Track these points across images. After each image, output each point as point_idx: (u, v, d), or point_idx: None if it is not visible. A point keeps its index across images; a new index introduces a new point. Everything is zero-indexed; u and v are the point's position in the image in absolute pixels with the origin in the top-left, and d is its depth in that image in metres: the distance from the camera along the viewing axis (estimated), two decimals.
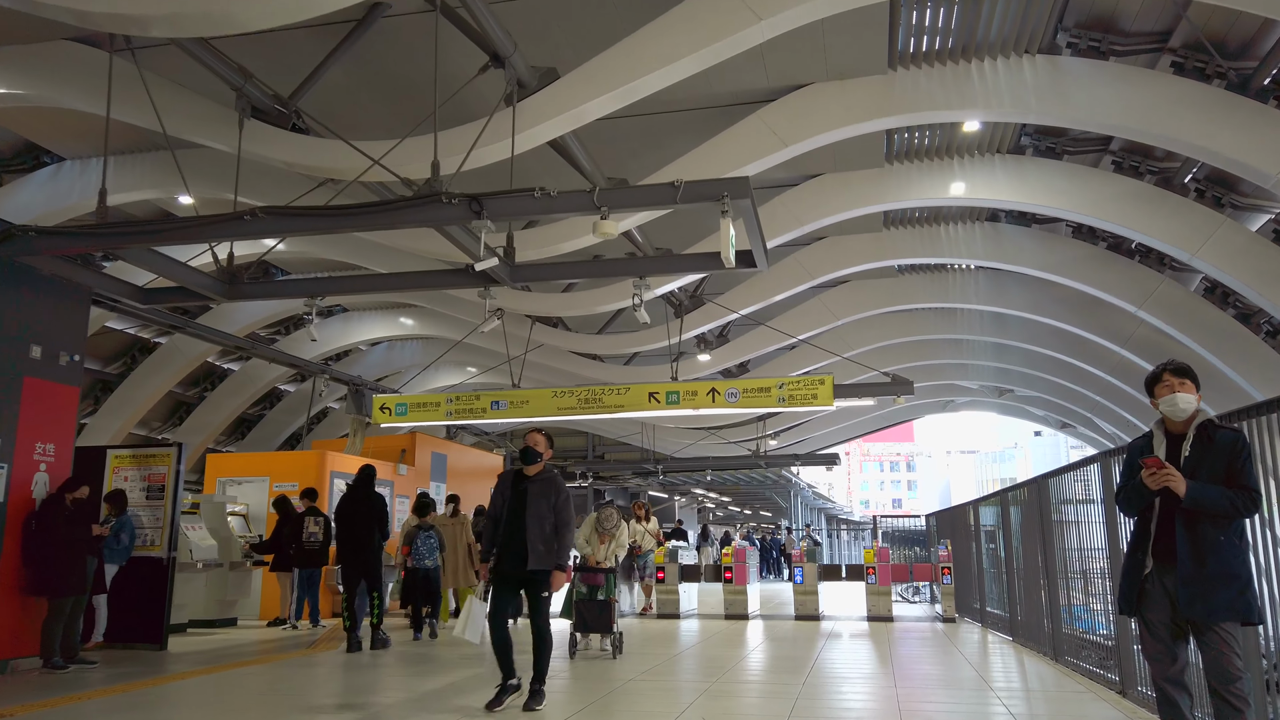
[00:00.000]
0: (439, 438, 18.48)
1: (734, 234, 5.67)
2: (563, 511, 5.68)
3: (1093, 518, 6.69)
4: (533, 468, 5.81)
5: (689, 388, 12.82)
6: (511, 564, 5.56)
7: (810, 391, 12.53)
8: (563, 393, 13.28)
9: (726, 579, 12.02)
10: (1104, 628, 7.54)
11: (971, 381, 22.64)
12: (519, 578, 5.60)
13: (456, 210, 5.70)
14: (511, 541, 5.55)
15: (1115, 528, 6.02)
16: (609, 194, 5.77)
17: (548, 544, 5.54)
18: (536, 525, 5.52)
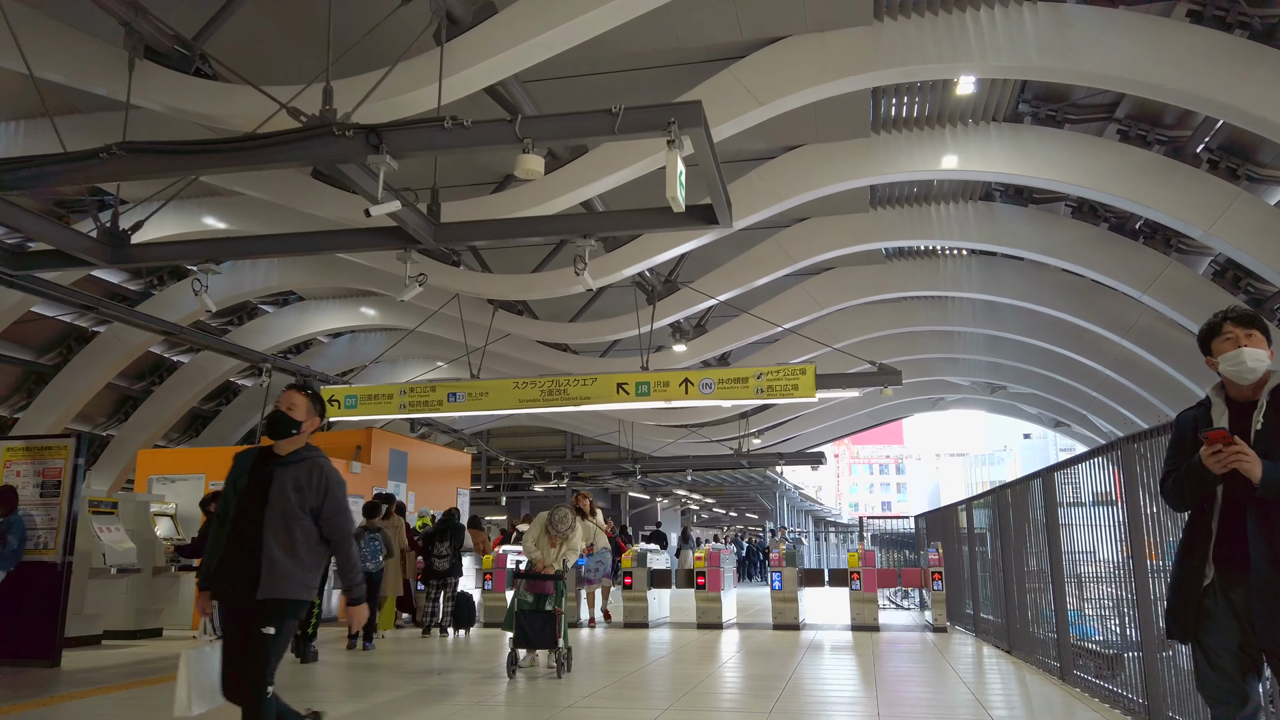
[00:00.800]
0: (400, 434, 17.45)
1: (682, 170, 4.71)
2: (333, 516, 3.73)
3: (1102, 518, 5.76)
4: (287, 443, 3.83)
5: (660, 378, 11.88)
6: (231, 587, 3.65)
7: (791, 382, 11.61)
8: (525, 384, 12.33)
9: (699, 585, 11.05)
10: (1096, 633, 6.70)
11: (962, 378, 21.77)
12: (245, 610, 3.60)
13: (351, 145, 4.73)
14: (239, 554, 3.64)
15: (1138, 526, 5.06)
16: (533, 123, 4.81)
17: (296, 561, 3.64)
18: (279, 530, 3.63)
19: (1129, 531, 5.15)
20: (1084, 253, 12.36)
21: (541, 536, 7.65)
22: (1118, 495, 6.20)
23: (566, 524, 7.48)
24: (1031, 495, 7.99)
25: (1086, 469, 6.40)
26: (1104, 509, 5.93)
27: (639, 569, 11.31)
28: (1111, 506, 6.11)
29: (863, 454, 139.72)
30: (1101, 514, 5.98)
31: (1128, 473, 5.21)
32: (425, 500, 16.27)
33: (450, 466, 17.74)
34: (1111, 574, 5.99)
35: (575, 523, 7.57)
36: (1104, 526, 5.95)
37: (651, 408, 12.13)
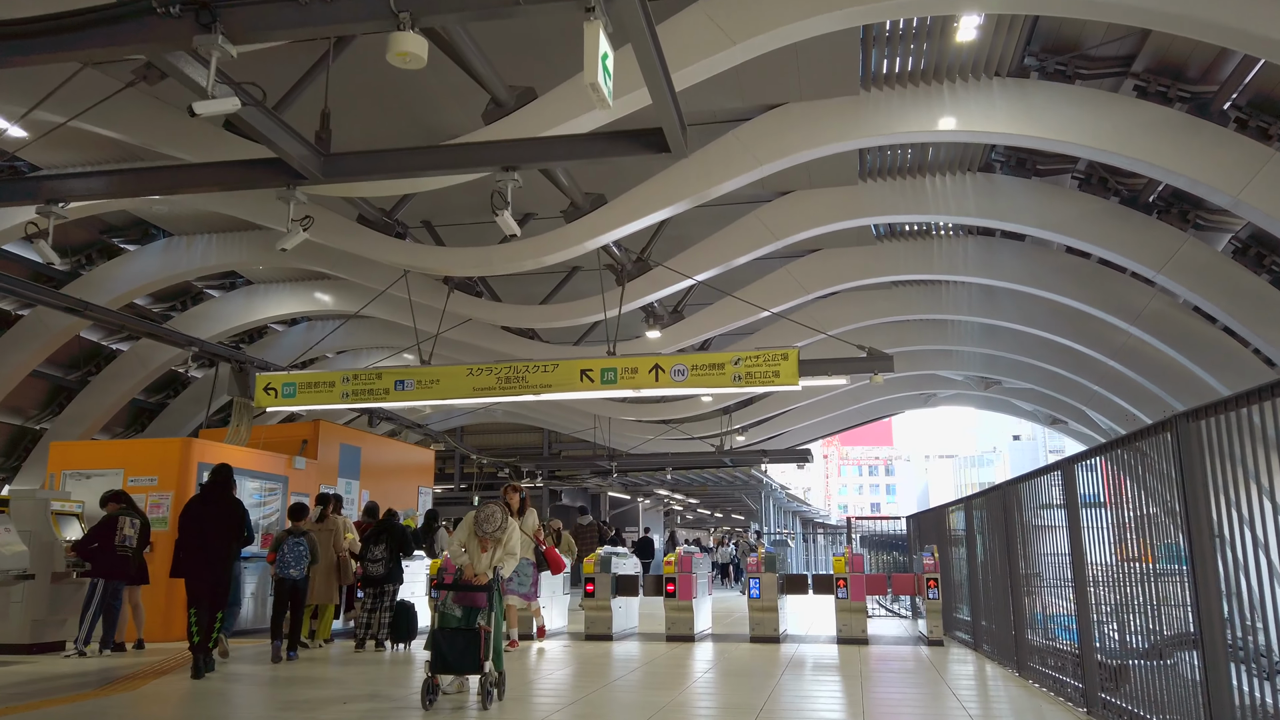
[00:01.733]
0: (355, 428, 16.27)
1: (607, 52, 3.58)
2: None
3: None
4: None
5: (628, 364, 10.78)
6: None
7: (771, 368, 10.52)
8: (479, 370, 11.21)
9: (669, 592, 9.93)
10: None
11: (956, 372, 20.72)
12: None
13: (176, 26, 3.61)
14: None
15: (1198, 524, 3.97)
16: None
17: None
18: None
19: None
20: (1092, 228, 11.26)
21: (470, 540, 6.51)
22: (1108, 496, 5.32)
23: (495, 524, 6.34)
24: (1037, 493, 6.92)
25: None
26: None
27: (602, 575, 10.18)
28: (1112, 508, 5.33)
29: (852, 455, 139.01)
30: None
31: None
32: (382, 500, 15.11)
33: (411, 463, 16.57)
34: (1113, 577, 5.30)
35: (506, 522, 6.43)
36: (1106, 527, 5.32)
37: (619, 397, 11.04)
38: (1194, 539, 4.00)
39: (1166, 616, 4.58)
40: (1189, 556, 4.07)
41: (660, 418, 20.15)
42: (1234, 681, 3.85)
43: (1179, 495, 4.07)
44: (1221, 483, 3.87)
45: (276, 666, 8.31)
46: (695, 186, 9.84)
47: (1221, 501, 3.87)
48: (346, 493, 14.28)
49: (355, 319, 17.45)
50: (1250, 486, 3.67)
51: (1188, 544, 4.08)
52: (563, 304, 13.15)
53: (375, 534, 10.82)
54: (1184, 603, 4.22)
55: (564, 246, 10.21)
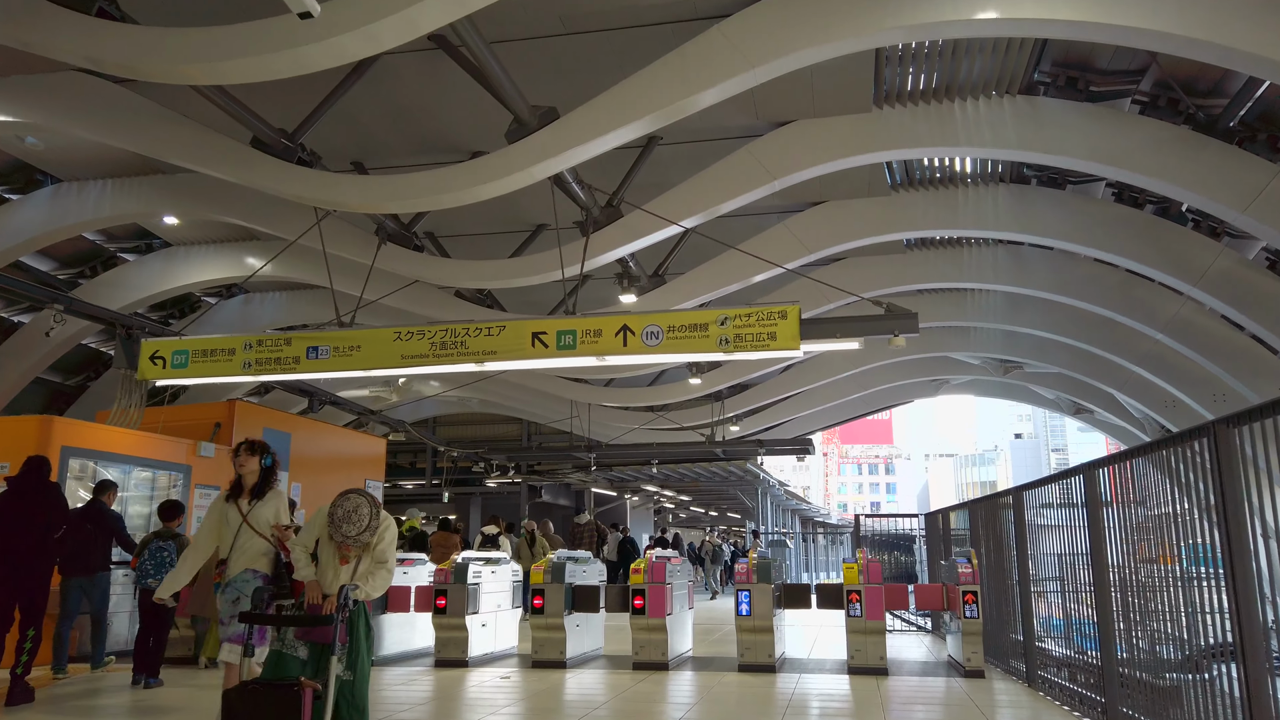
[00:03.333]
0: (282, 409, 14.22)
1: None
2: None
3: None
4: None
5: (590, 325, 8.79)
6: None
7: (766, 329, 8.52)
8: (409, 334, 9.20)
9: (635, 608, 7.87)
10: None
11: (972, 354, 18.66)
12: None
13: None
14: None
15: None
16: None
17: None
18: None
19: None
20: (1124, 241, 10.82)
21: (327, 546, 4.47)
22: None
23: (359, 524, 4.31)
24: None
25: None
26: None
27: (553, 586, 8.12)
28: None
29: (851, 453, 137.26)
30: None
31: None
32: (318, 494, 13.08)
33: (356, 454, 14.53)
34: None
35: (375, 522, 4.38)
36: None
37: (579, 364, 8.99)
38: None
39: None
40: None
41: (645, 404, 18.11)
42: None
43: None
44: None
45: (121, 695, 6.52)
46: (671, 94, 7.81)
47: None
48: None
49: (304, 290, 15.41)
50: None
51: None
52: (524, 258, 11.04)
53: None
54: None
55: (506, 173, 8.15)
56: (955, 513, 10.18)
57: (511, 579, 9.33)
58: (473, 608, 8.33)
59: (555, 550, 12.82)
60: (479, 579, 8.49)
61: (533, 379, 17.44)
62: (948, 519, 10.53)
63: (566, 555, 8.68)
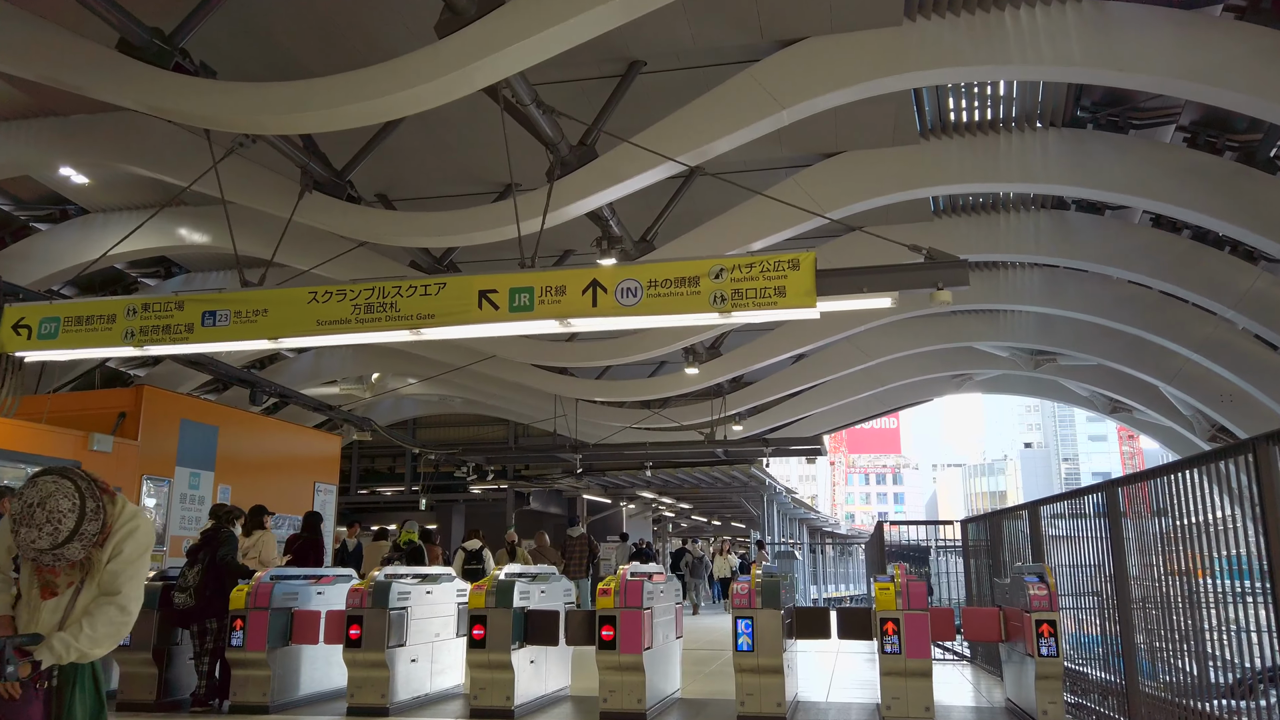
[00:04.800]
0: (205, 399, 12.40)
1: None
2: None
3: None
4: None
5: (551, 280, 7.04)
6: None
7: (773, 283, 6.79)
8: (327, 294, 7.47)
9: (604, 640, 6.01)
10: None
11: (1000, 344, 16.79)
12: None
13: None
14: None
15: None
16: None
17: None
18: None
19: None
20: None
21: (25, 567, 2.63)
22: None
23: (55, 528, 2.47)
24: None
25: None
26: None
27: (498, 612, 6.26)
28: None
29: (858, 463, 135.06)
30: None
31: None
32: (252, 501, 11.28)
33: (300, 452, 12.71)
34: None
35: (86, 523, 2.54)
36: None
37: (538, 330, 7.16)
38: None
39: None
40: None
41: (639, 397, 16.26)
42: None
43: None
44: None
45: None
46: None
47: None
48: (192, 488, 10.45)
49: (257, 267, 13.60)
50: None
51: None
52: (477, 209, 9.16)
53: (194, 549, 7.48)
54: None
55: (435, 75, 6.32)
56: (1008, 520, 8.30)
57: (457, 600, 7.49)
58: (397, 638, 6.49)
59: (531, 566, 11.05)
60: (407, 601, 6.65)
61: (513, 370, 15.61)
62: (998, 527, 8.64)
63: (518, 571, 6.83)
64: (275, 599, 6.63)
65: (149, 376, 16.49)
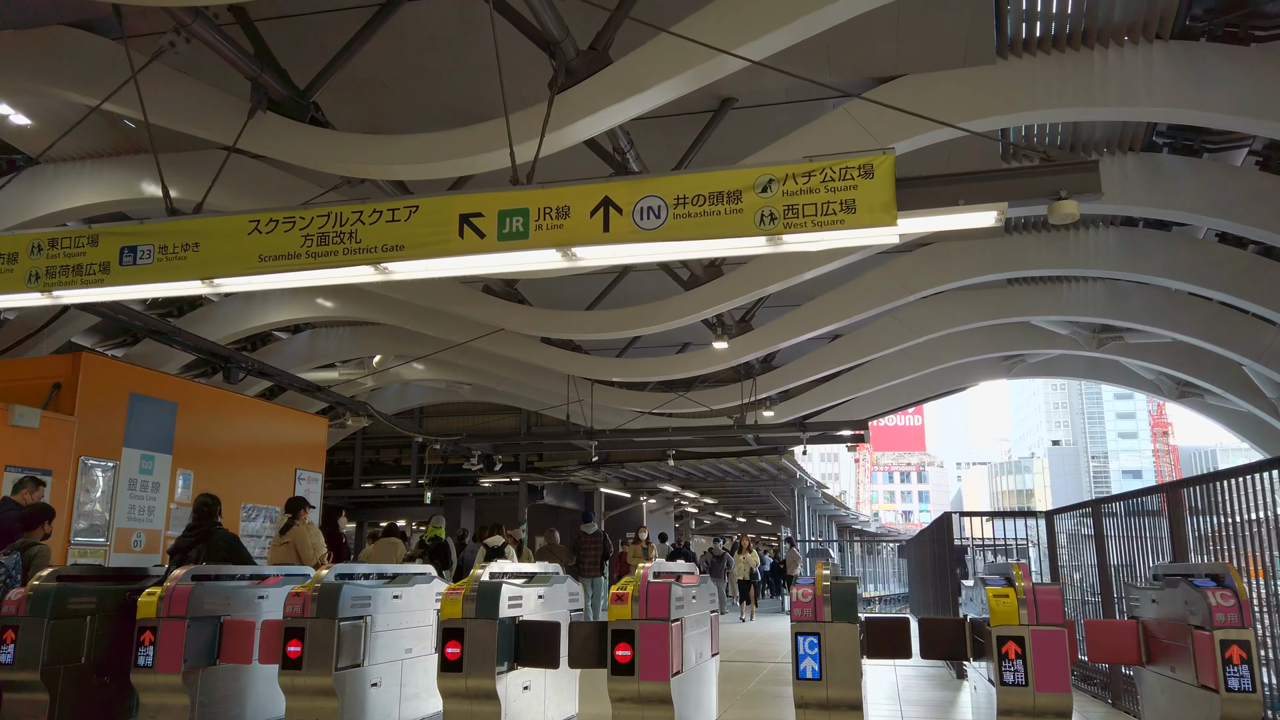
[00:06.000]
0: (161, 370, 10.95)
1: None
2: None
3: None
4: None
5: (552, 199, 5.53)
6: None
7: (839, 195, 5.27)
8: (272, 223, 5.98)
9: (619, 662, 4.49)
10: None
11: (1062, 318, 15.08)
12: None
13: None
14: None
15: None
16: None
17: None
18: None
19: None
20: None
21: None
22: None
23: None
24: None
25: None
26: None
27: (478, 625, 4.73)
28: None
29: (883, 460, 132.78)
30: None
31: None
32: (218, 487, 9.84)
33: (279, 436, 11.27)
34: None
35: None
36: None
37: (534, 265, 5.63)
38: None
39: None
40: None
41: (661, 377, 14.72)
42: None
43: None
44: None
45: None
46: None
47: None
48: (144, 473, 9.02)
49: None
50: None
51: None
52: (459, 131, 7.53)
53: (182, 549, 6.50)
54: None
55: None
56: (1110, 511, 6.69)
57: (436, 607, 5.97)
58: (351, 657, 4.98)
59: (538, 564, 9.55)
60: (366, 607, 5.14)
61: (522, 347, 14.09)
62: (1099, 517, 7.02)
63: (509, 570, 5.31)
64: (196, 604, 5.14)
65: (129, 357, 15.14)
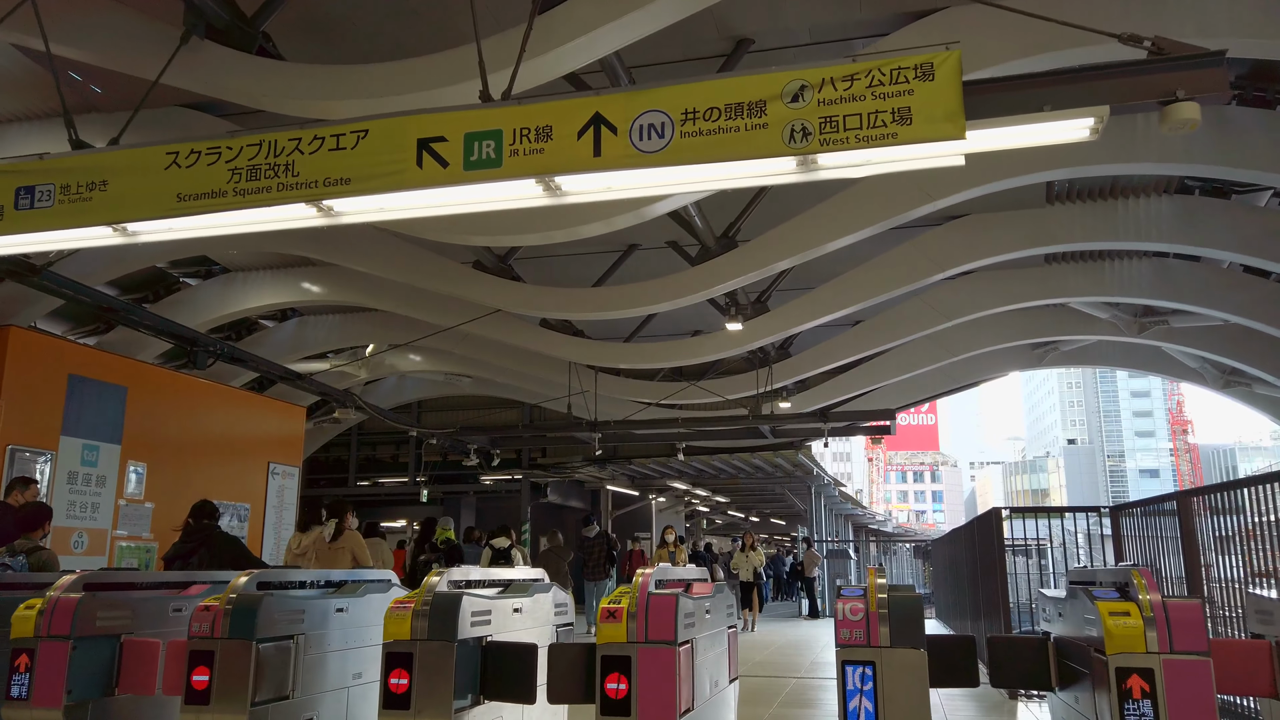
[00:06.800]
0: (110, 351, 9.93)
1: None
2: None
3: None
4: None
5: (531, 118, 4.39)
6: None
7: (890, 103, 4.18)
8: (194, 156, 4.90)
9: (610, 697, 3.46)
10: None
11: (1101, 299, 13.93)
12: None
13: None
14: None
15: None
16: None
17: None
18: None
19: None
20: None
21: None
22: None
23: None
24: None
25: None
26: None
27: (431, 648, 3.68)
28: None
29: (895, 460, 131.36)
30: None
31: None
32: (175, 483, 8.86)
33: (251, 426, 10.26)
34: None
35: None
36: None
37: (512, 203, 4.59)
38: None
39: None
40: None
41: (669, 364, 13.67)
42: None
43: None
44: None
45: None
46: None
47: None
48: (87, 465, 8.03)
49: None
50: None
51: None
52: (428, 58, 6.48)
53: (177, 557, 5.96)
54: None
55: None
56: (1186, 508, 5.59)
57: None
58: (274, 688, 3.95)
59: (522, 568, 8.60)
60: (297, 625, 4.11)
61: (520, 332, 13.06)
62: (1187, 513, 5.92)
63: (474, 577, 4.26)
64: (85, 621, 4.12)
65: (102, 345, 14.17)
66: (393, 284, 12.35)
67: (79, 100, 9.13)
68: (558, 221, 8.02)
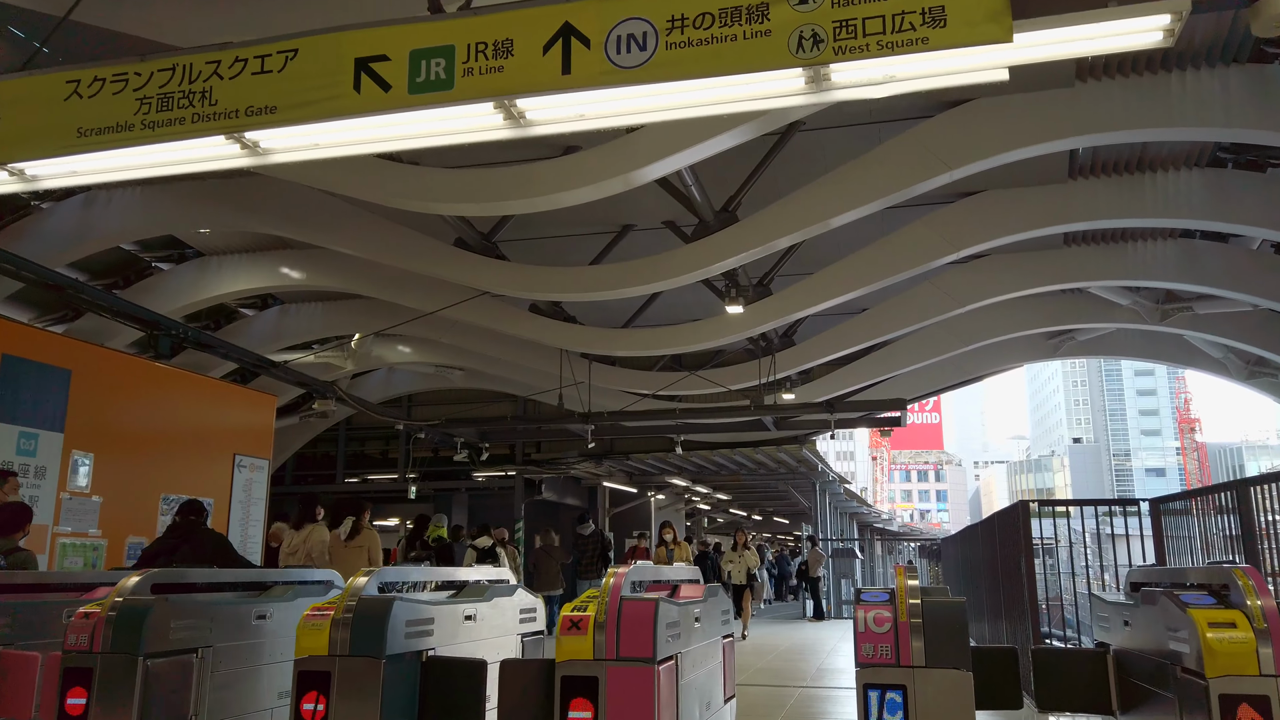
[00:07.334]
0: (52, 331, 9.22)
1: None
2: None
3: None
4: None
5: (488, 31, 3.60)
6: None
7: (921, 1, 3.36)
8: (98, 84, 4.16)
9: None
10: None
11: (1124, 282, 13.19)
12: None
13: None
14: None
15: None
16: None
17: None
18: None
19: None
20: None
21: None
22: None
23: None
24: None
25: None
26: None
27: (354, 663, 2.97)
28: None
29: (899, 459, 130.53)
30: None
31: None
32: (124, 474, 8.16)
33: (214, 415, 9.54)
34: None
35: None
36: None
37: (466, 134, 3.88)
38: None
39: None
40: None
41: (668, 351, 12.95)
42: None
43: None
44: None
45: None
46: None
47: None
48: (24, 454, 7.34)
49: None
50: None
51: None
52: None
53: (158, 554, 5.43)
54: None
55: None
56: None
57: None
58: (168, 713, 3.23)
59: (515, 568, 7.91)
60: (205, 634, 3.39)
61: (509, 318, 12.35)
62: (1246, 503, 5.19)
63: (415, 579, 3.55)
64: None
65: (71, 332, 13.48)
66: (375, 268, 11.67)
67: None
68: (538, 186, 7.32)
